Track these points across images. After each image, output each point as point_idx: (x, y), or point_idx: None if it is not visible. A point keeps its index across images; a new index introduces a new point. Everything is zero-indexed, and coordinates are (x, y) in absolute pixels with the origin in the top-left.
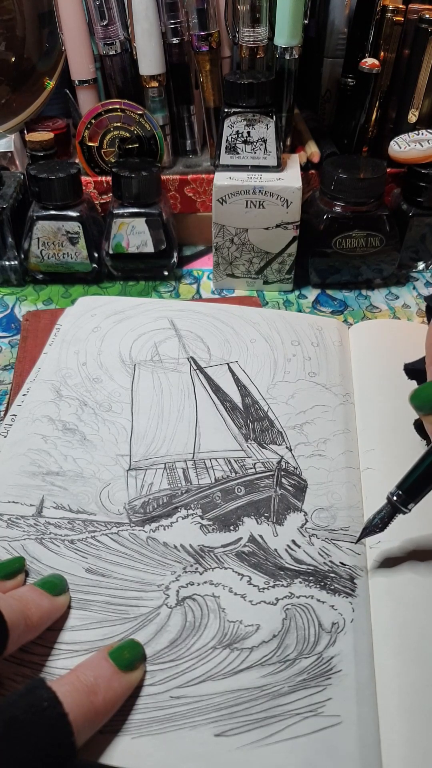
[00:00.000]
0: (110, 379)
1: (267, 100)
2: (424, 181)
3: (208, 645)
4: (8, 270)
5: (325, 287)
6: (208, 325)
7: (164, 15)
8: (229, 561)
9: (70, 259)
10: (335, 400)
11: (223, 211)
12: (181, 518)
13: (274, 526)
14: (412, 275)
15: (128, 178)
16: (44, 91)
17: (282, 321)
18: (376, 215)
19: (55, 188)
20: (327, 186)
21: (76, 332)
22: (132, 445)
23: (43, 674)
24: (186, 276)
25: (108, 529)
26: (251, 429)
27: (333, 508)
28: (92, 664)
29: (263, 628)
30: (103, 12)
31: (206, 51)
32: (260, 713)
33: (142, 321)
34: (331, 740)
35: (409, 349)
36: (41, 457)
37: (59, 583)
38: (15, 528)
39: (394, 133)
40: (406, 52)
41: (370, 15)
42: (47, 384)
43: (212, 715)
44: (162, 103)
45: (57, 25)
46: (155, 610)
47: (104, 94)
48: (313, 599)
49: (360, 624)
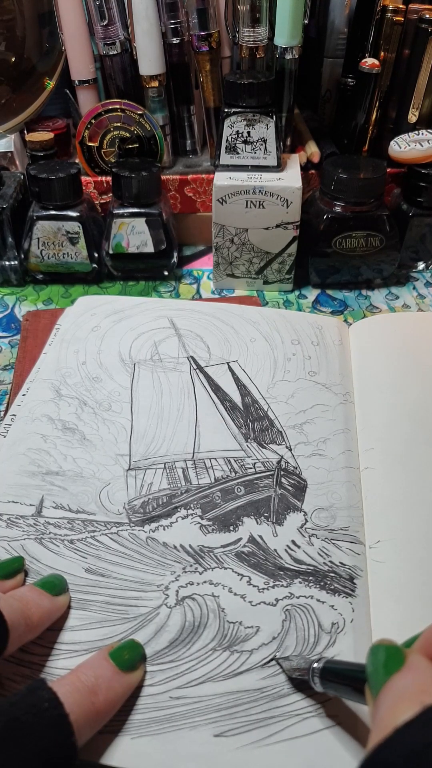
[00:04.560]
0: (110, 378)
1: (267, 100)
2: (424, 181)
3: (207, 646)
4: (8, 270)
5: (325, 287)
6: (208, 324)
7: (164, 15)
8: (228, 561)
9: (70, 259)
10: (335, 400)
11: (223, 211)
12: (181, 518)
13: (274, 526)
14: (412, 275)
15: (128, 178)
16: (44, 91)
17: (282, 320)
18: (376, 215)
19: (55, 188)
20: (327, 186)
21: (75, 331)
22: (132, 445)
23: (43, 674)
24: (186, 276)
25: (107, 529)
26: (251, 428)
27: (333, 508)
28: (93, 664)
29: (263, 630)
30: (103, 12)
31: (206, 51)
32: (260, 714)
33: (142, 320)
34: (331, 741)
35: (411, 343)
36: (41, 457)
37: (59, 583)
38: (14, 528)
39: (394, 133)
40: (406, 52)
41: (370, 15)
42: (47, 383)
43: (212, 715)
44: (162, 103)
45: (57, 25)
46: (155, 610)
47: (104, 94)
48: (312, 599)
49: (360, 624)
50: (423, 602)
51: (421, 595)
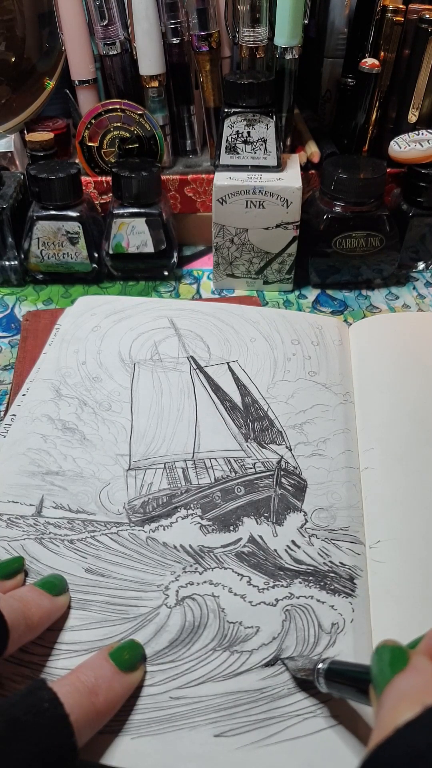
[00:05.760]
0: (110, 378)
1: (267, 100)
2: (424, 181)
3: (207, 646)
4: (8, 270)
5: (325, 287)
6: (208, 324)
7: (164, 15)
8: (228, 561)
9: (70, 259)
10: (335, 400)
11: (223, 211)
12: (181, 518)
13: (274, 527)
14: (412, 275)
15: (128, 178)
16: (44, 91)
17: (282, 320)
18: (376, 215)
19: (55, 188)
20: (327, 186)
21: (75, 331)
22: (131, 445)
23: (43, 674)
24: (186, 276)
25: (107, 529)
26: (251, 428)
27: (333, 508)
28: (93, 664)
29: (263, 630)
30: (103, 12)
31: (206, 51)
32: (260, 714)
33: (142, 320)
34: (331, 741)
35: (411, 343)
36: (41, 457)
37: (59, 583)
38: (14, 528)
39: (394, 133)
40: (406, 52)
41: (370, 15)
42: (47, 383)
43: (212, 715)
44: (162, 103)
45: (57, 25)
46: (155, 610)
47: (104, 94)
48: (312, 599)
49: (360, 624)
50: (423, 602)
51: (421, 595)
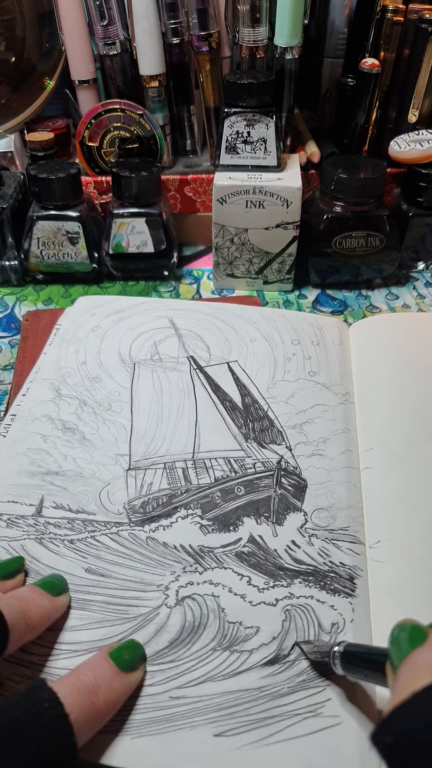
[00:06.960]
0: (110, 378)
1: (267, 100)
2: (424, 181)
3: (207, 646)
4: (8, 270)
5: (325, 287)
6: (208, 324)
7: (164, 15)
8: (228, 561)
9: (70, 259)
10: (335, 400)
11: (223, 211)
12: (181, 518)
13: (274, 527)
14: (412, 275)
15: (128, 178)
16: (44, 91)
17: (282, 320)
18: (376, 215)
19: (55, 188)
20: (327, 186)
21: (75, 331)
22: (132, 445)
23: (43, 674)
24: (186, 276)
25: (107, 529)
26: (251, 428)
27: (333, 508)
28: (93, 664)
29: (263, 630)
30: (103, 12)
31: (206, 51)
32: (260, 714)
33: (142, 320)
34: (331, 740)
35: (411, 343)
36: (41, 457)
37: (59, 583)
38: (14, 528)
39: (394, 133)
40: (406, 52)
41: (370, 15)
42: (47, 383)
43: (212, 715)
44: (162, 103)
45: (57, 25)
46: (155, 610)
47: (104, 94)
48: (312, 599)
49: (360, 624)
50: (423, 602)
51: (421, 595)
